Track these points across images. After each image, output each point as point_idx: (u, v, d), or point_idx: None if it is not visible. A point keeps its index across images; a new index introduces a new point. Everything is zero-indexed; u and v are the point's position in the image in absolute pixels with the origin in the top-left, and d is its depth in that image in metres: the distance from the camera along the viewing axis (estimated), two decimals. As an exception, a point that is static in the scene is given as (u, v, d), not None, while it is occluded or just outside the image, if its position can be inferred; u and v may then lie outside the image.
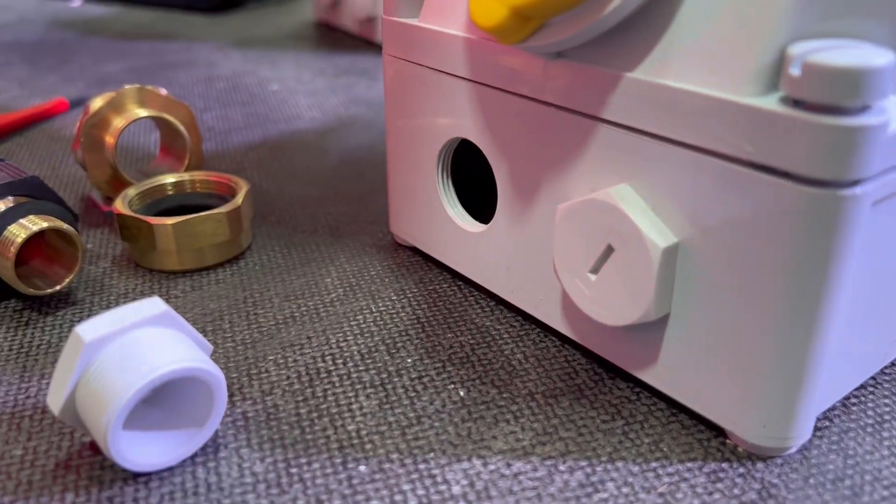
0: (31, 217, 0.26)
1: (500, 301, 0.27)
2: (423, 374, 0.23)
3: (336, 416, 0.22)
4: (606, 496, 0.19)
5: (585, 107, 0.21)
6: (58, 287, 0.27)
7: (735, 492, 0.19)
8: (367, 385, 0.23)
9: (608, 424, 0.21)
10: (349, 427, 0.21)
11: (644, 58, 0.19)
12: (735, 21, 0.18)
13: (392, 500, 0.19)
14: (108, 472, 0.20)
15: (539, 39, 0.20)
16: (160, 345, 0.19)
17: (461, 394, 0.22)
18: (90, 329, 0.19)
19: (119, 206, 0.29)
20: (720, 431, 0.21)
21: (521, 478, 0.19)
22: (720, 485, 0.19)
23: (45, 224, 0.26)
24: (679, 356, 0.21)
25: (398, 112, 0.28)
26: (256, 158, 0.42)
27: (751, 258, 0.18)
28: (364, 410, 0.22)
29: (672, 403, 0.22)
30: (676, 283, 0.20)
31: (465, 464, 0.20)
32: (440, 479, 0.19)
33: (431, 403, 0.22)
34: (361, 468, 0.20)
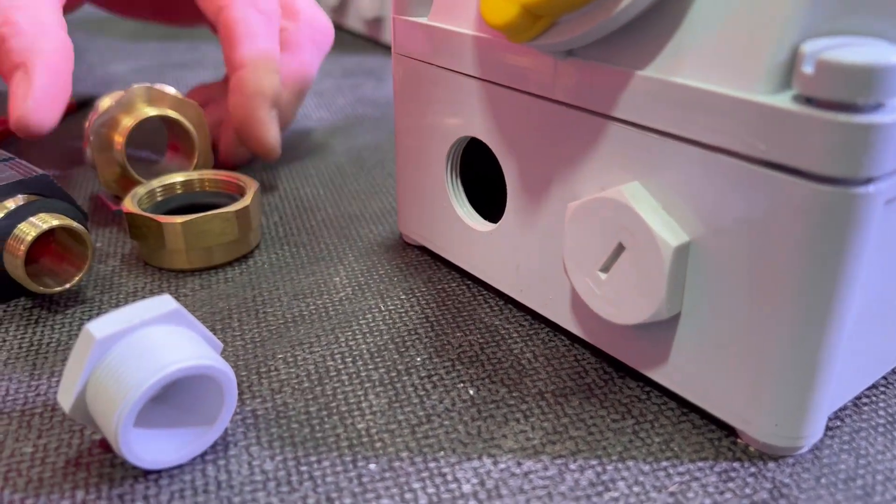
0: (41, 215, 0.26)
1: (509, 300, 0.27)
2: (433, 373, 0.23)
3: (346, 415, 0.22)
4: (617, 495, 0.19)
5: (596, 105, 0.21)
6: (67, 285, 0.27)
7: (746, 491, 0.19)
8: (377, 383, 0.23)
9: (618, 424, 0.21)
10: (359, 425, 0.21)
11: (655, 56, 0.19)
12: (747, 19, 0.18)
13: (402, 499, 0.19)
14: (119, 470, 0.20)
15: (550, 37, 0.20)
16: (171, 342, 0.19)
17: (471, 392, 0.22)
18: (101, 326, 0.19)
19: (128, 205, 0.30)
20: (731, 431, 0.21)
21: (532, 476, 0.19)
22: (731, 484, 0.19)
23: (55, 222, 0.26)
24: (690, 355, 0.21)
25: (407, 111, 0.28)
26: (264, 158, 0.42)
27: (762, 256, 0.18)
28: (373, 409, 0.22)
29: (682, 402, 0.22)
30: (687, 282, 0.20)
31: (476, 462, 0.20)
32: (450, 478, 0.19)
33: (441, 402, 0.22)
34: (371, 466, 0.20)
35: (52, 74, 0.32)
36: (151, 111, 0.34)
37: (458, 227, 0.28)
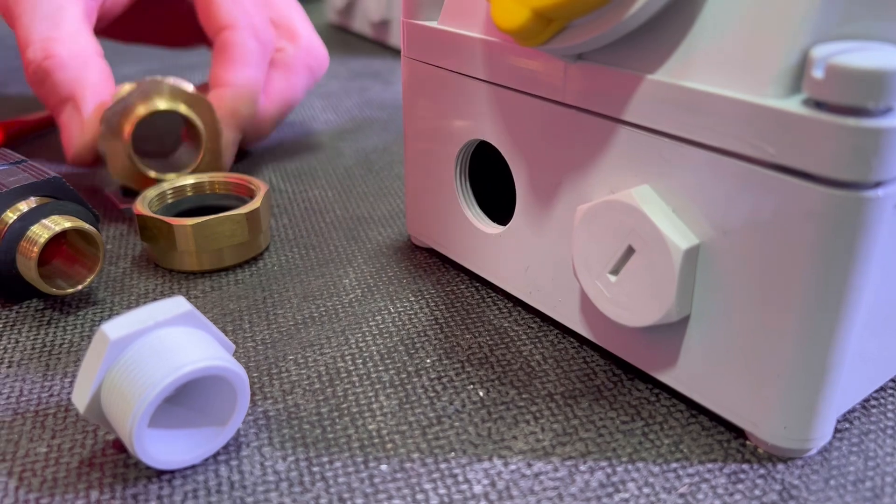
0: (54, 217, 0.26)
1: (518, 302, 0.27)
2: (443, 375, 0.23)
3: (357, 416, 0.22)
4: (627, 496, 0.19)
5: (606, 109, 0.21)
6: (79, 287, 0.27)
7: (756, 493, 0.19)
8: (387, 385, 0.23)
9: (628, 425, 0.21)
10: (370, 426, 0.21)
11: (666, 60, 0.19)
12: (757, 23, 0.18)
13: (414, 499, 0.19)
14: (133, 470, 0.20)
15: (560, 41, 0.20)
16: (184, 344, 0.19)
17: (480, 394, 0.23)
18: (115, 327, 0.19)
19: (139, 207, 0.30)
20: (740, 433, 0.21)
21: (542, 478, 0.20)
22: (741, 486, 0.19)
23: (68, 224, 0.26)
24: (699, 357, 0.21)
25: (417, 114, 0.28)
26: (272, 160, 0.42)
27: (772, 259, 0.18)
28: (384, 410, 0.22)
29: (691, 404, 0.22)
30: (697, 285, 0.20)
31: (486, 463, 0.20)
32: (461, 479, 0.19)
33: (451, 403, 0.22)
34: (383, 467, 0.20)
35: (100, 106, 0.33)
36: (164, 104, 0.34)
37: (468, 230, 0.28)
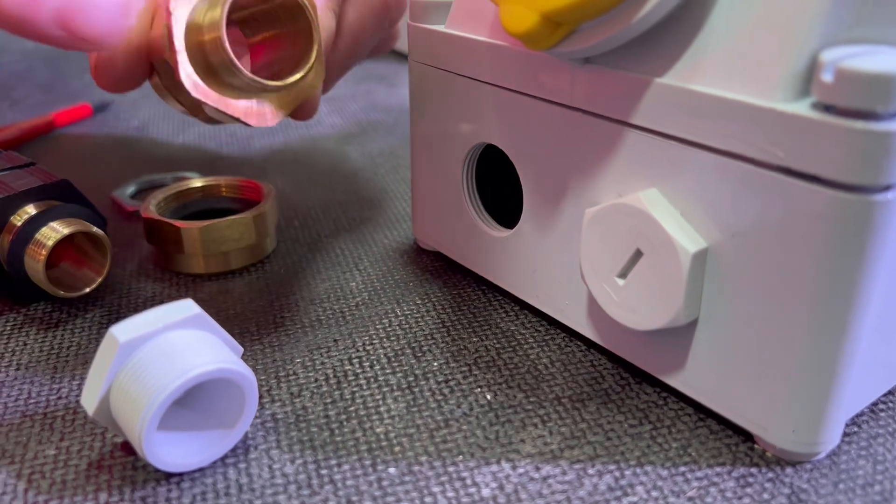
0: (62, 220, 0.26)
1: (525, 305, 0.27)
2: (450, 378, 0.23)
3: (364, 419, 0.22)
4: (636, 500, 0.19)
5: (614, 112, 0.21)
6: (87, 289, 0.27)
7: (765, 496, 0.19)
8: (395, 388, 0.23)
9: (636, 429, 0.21)
10: (378, 429, 0.21)
11: (674, 63, 0.19)
12: (766, 27, 0.18)
13: (422, 502, 0.19)
14: (141, 473, 0.20)
15: (568, 45, 0.20)
16: (193, 346, 0.19)
17: (488, 397, 0.23)
18: (125, 330, 0.19)
19: (146, 210, 0.30)
20: (748, 436, 0.21)
21: (551, 481, 0.20)
22: (749, 489, 0.19)
23: (75, 227, 0.26)
24: (707, 361, 0.21)
25: (423, 118, 0.29)
26: (278, 163, 0.42)
27: (780, 263, 0.18)
28: (392, 413, 0.22)
29: (699, 408, 0.22)
30: (705, 288, 0.20)
31: (494, 467, 0.20)
32: (469, 482, 0.19)
33: (459, 407, 0.22)
34: (391, 470, 0.20)
35: None
36: None
37: (474, 233, 0.28)
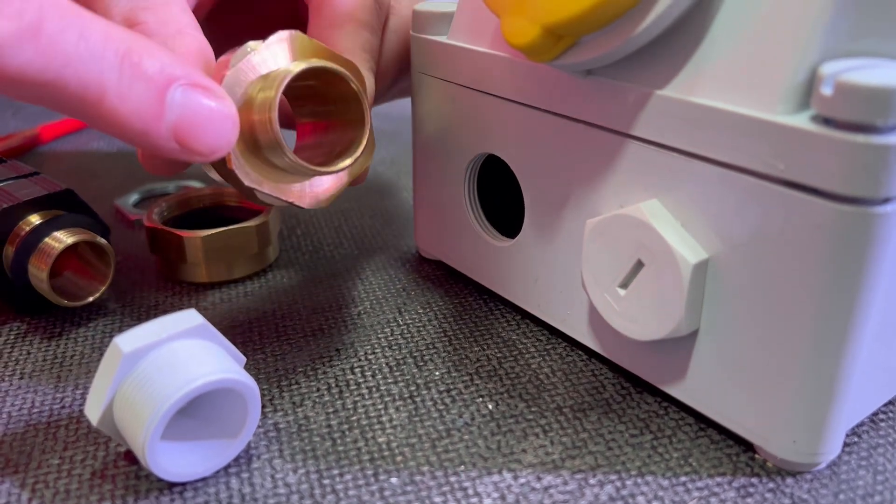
0: (66, 230, 0.26)
1: (527, 315, 0.27)
2: (452, 387, 0.24)
3: (366, 428, 0.22)
4: (637, 510, 0.19)
5: (616, 124, 0.21)
6: (90, 299, 0.27)
7: (765, 507, 0.19)
8: (397, 397, 0.23)
9: (637, 439, 0.21)
10: (380, 439, 0.21)
11: (675, 75, 0.20)
12: (766, 40, 0.18)
13: (424, 512, 0.19)
14: (144, 482, 0.20)
15: (570, 57, 0.20)
16: (197, 356, 0.19)
17: (490, 407, 0.23)
18: (129, 340, 0.19)
19: (149, 219, 0.30)
20: (749, 446, 0.21)
21: (552, 491, 0.20)
22: (750, 500, 0.19)
23: (79, 237, 0.26)
24: (708, 371, 0.21)
25: (425, 128, 0.29)
26: (281, 172, 0.42)
27: (781, 274, 0.18)
28: (394, 423, 0.22)
29: (700, 418, 0.22)
30: (706, 299, 0.20)
31: (496, 477, 0.20)
32: (471, 492, 0.20)
33: (460, 416, 0.22)
34: (393, 480, 0.20)
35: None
36: (316, 61, 0.21)
37: (476, 242, 0.28)
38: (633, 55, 0.20)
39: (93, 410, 0.20)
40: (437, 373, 0.24)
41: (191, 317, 0.20)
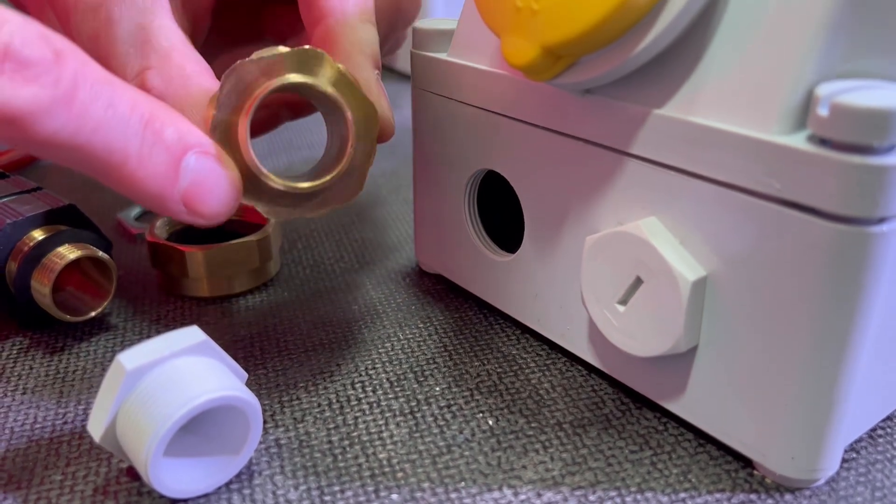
0: (68, 245, 0.27)
1: (527, 329, 0.28)
2: (452, 403, 0.24)
3: (367, 444, 0.22)
4: (636, 527, 0.19)
5: (614, 142, 0.21)
6: (93, 313, 0.27)
7: (764, 523, 0.19)
8: (397, 413, 0.23)
9: (636, 455, 0.22)
10: (380, 455, 0.22)
11: (672, 95, 0.20)
12: (763, 60, 0.18)
13: (425, 529, 0.19)
14: (146, 498, 0.20)
15: (569, 77, 0.21)
16: (199, 374, 0.19)
17: (490, 423, 0.23)
18: (132, 357, 0.19)
19: (151, 234, 0.30)
20: (748, 462, 0.21)
21: (552, 507, 0.20)
22: (749, 516, 0.19)
23: (81, 252, 0.26)
24: (707, 387, 0.21)
25: (426, 143, 0.29)
26: (281, 185, 0.42)
27: (779, 292, 0.19)
28: (394, 438, 0.22)
29: (699, 434, 0.22)
30: (704, 315, 0.20)
31: (496, 493, 0.20)
32: (472, 508, 0.20)
33: (461, 432, 0.22)
34: (394, 496, 0.20)
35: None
36: (297, 78, 0.22)
37: (476, 257, 0.28)
38: (632, 75, 0.20)
39: (96, 427, 0.20)
40: (438, 388, 0.24)
41: (193, 334, 0.20)
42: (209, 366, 0.20)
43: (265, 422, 0.23)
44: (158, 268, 0.30)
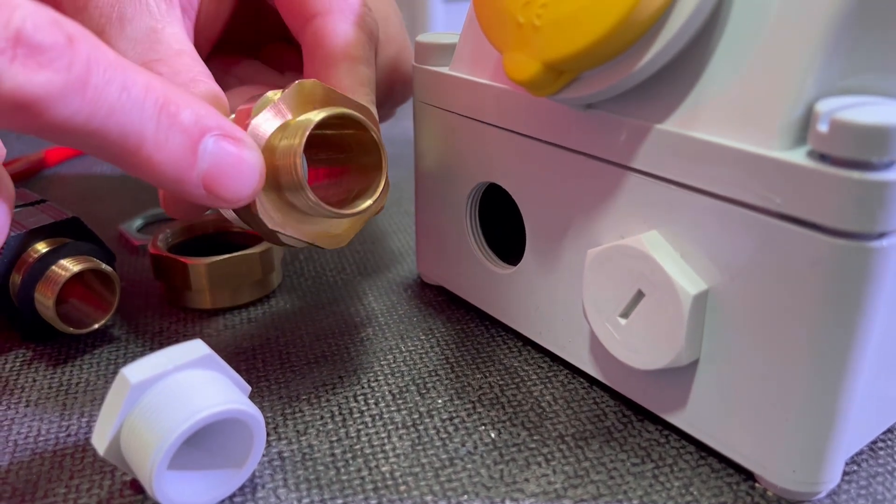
0: (72, 258, 0.27)
1: (528, 341, 0.28)
2: (454, 416, 0.24)
3: (370, 457, 0.22)
4: (639, 540, 0.19)
5: (615, 156, 0.21)
6: (96, 326, 0.27)
7: (766, 536, 0.19)
8: (400, 425, 0.23)
9: (638, 467, 0.22)
10: (383, 468, 0.22)
11: (673, 110, 0.20)
12: (763, 77, 0.18)
13: (428, 542, 0.19)
14: (150, 512, 0.20)
15: (571, 92, 0.21)
16: (202, 387, 0.20)
17: (492, 435, 0.23)
18: (136, 371, 0.19)
19: (153, 246, 0.30)
20: (749, 475, 0.21)
21: (554, 520, 0.20)
22: (751, 529, 0.19)
23: (85, 265, 0.27)
24: (708, 400, 0.21)
25: (428, 156, 0.29)
26: (283, 196, 0.42)
27: (779, 306, 0.19)
28: (397, 451, 0.22)
29: (701, 446, 0.22)
30: (706, 329, 0.20)
31: (499, 506, 0.20)
32: (474, 522, 0.20)
33: (463, 445, 0.22)
34: (397, 509, 0.20)
35: None
36: (335, 110, 0.22)
37: (478, 269, 0.28)
38: (633, 90, 0.20)
39: (100, 440, 0.20)
40: (440, 400, 0.24)
41: (197, 347, 0.20)
42: (213, 379, 0.20)
43: (268, 434, 0.23)
44: (161, 279, 0.30)
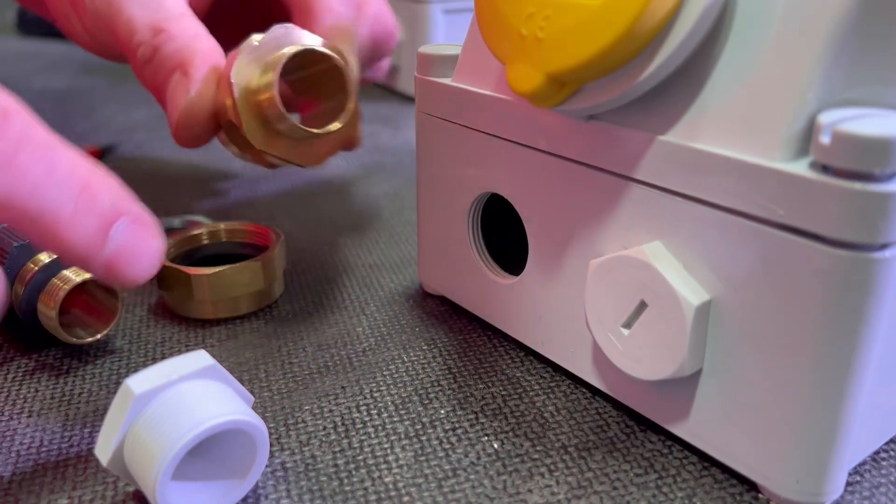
0: (74, 268, 0.27)
1: (531, 352, 0.28)
2: (457, 426, 0.24)
3: (373, 468, 0.22)
4: (642, 551, 0.19)
5: (618, 167, 0.21)
6: (98, 336, 0.27)
7: (770, 547, 0.19)
8: (402, 436, 0.23)
9: (641, 478, 0.22)
10: (386, 479, 0.22)
11: (676, 121, 0.20)
12: (765, 88, 0.18)
13: (431, 553, 0.19)
14: (153, 523, 0.20)
15: (573, 103, 0.21)
16: (206, 398, 0.20)
17: (495, 446, 0.23)
18: (140, 382, 0.19)
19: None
20: (752, 486, 0.21)
21: (558, 531, 0.20)
22: (755, 540, 0.19)
23: (87, 275, 0.27)
24: (711, 411, 0.21)
25: (430, 166, 0.29)
26: (285, 206, 0.42)
27: (782, 316, 0.19)
28: (400, 462, 0.22)
29: (704, 457, 0.22)
30: (709, 339, 0.20)
31: (502, 517, 0.20)
32: (478, 532, 0.20)
33: (466, 456, 0.22)
34: (400, 520, 0.20)
35: (214, 69, 0.28)
36: (311, 43, 0.28)
37: (480, 279, 0.28)
38: (635, 101, 0.20)
39: (104, 451, 0.20)
40: (443, 411, 0.24)
41: (200, 358, 0.20)
42: (216, 390, 0.20)
43: (271, 445, 0.23)
44: (164, 290, 0.30)
